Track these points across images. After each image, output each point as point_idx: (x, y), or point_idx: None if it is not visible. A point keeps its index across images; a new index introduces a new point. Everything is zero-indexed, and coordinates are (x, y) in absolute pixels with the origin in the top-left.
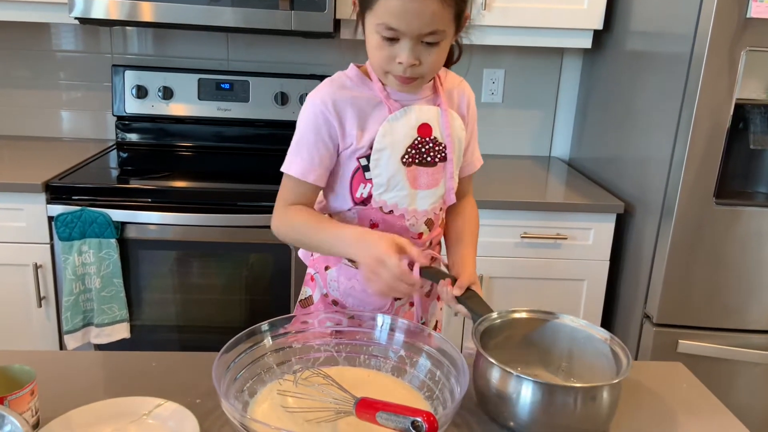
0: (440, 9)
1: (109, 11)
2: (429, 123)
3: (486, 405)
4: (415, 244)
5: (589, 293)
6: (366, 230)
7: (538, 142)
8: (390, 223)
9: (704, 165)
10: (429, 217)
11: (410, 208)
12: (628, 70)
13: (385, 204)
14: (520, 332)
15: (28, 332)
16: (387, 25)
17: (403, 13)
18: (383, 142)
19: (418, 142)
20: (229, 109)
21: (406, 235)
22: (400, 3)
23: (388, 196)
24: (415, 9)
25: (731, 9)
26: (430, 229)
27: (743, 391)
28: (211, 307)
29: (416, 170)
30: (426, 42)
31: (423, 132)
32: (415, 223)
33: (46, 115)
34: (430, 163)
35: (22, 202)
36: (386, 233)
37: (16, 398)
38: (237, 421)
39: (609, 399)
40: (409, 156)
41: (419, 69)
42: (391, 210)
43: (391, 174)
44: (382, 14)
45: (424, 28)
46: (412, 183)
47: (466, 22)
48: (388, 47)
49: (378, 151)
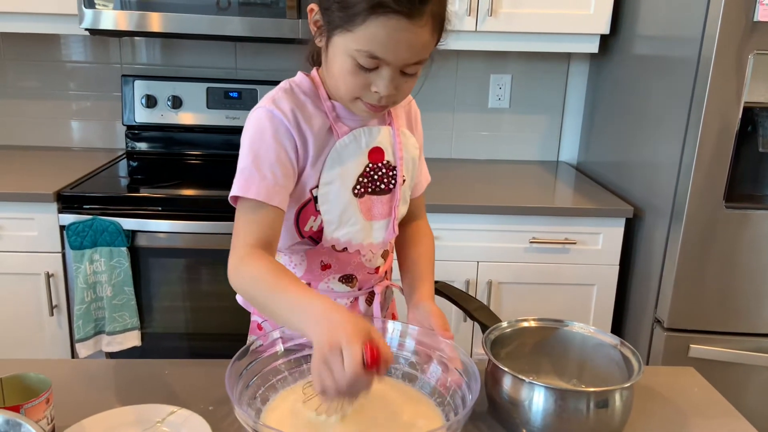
0: (430, 39)
1: (118, 22)
2: (380, 146)
3: (498, 412)
4: (371, 277)
5: (599, 298)
6: (334, 307)
7: (546, 146)
8: (344, 262)
9: (713, 168)
10: (385, 249)
11: (365, 243)
12: (636, 75)
13: (338, 242)
14: (531, 341)
15: (40, 340)
16: (370, 54)
17: (393, 43)
18: (330, 174)
19: (369, 169)
20: (237, 117)
21: (362, 271)
22: (390, 32)
23: (341, 233)
24: (407, 39)
25: (738, 12)
26: (386, 260)
27: (756, 396)
28: (221, 315)
29: (369, 200)
30: (406, 72)
31: (374, 157)
32: (371, 258)
33: (56, 125)
34: (384, 190)
35: (34, 212)
36: (357, 316)
37: (32, 406)
38: (251, 427)
39: (621, 403)
40: (361, 186)
41: (394, 97)
42: (345, 248)
43: (342, 209)
44: (366, 41)
45: (412, 58)
46: (366, 214)
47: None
48: (364, 74)
49: (326, 185)
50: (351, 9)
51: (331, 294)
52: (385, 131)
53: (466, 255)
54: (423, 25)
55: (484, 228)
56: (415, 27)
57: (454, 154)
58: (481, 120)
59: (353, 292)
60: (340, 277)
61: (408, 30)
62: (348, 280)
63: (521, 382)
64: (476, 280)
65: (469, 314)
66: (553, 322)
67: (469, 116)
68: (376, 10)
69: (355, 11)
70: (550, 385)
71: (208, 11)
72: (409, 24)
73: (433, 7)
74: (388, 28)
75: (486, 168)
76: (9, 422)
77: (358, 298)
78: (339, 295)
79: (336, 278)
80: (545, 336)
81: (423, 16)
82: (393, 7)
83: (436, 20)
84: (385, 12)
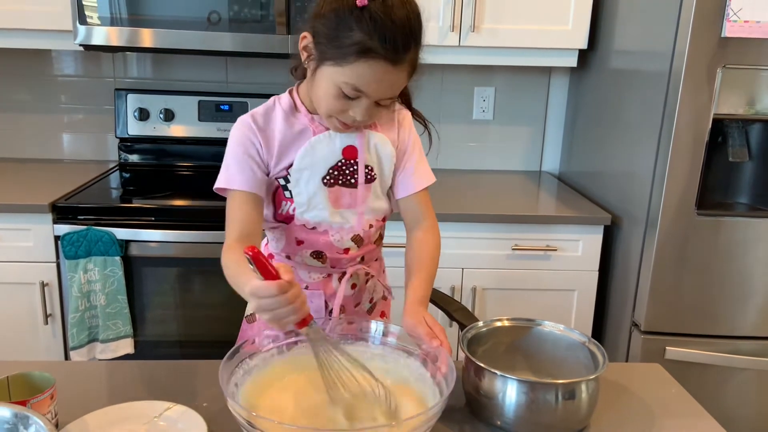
0: (406, 78)
1: (111, 38)
2: (354, 145)
3: (474, 406)
4: (341, 257)
5: (580, 303)
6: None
7: (529, 157)
8: (314, 239)
9: (685, 178)
10: (356, 233)
11: (334, 225)
12: (612, 88)
13: (308, 222)
14: (506, 340)
15: (35, 348)
16: (355, 87)
17: (376, 82)
18: (303, 162)
19: (342, 164)
20: (228, 130)
21: (331, 250)
22: (375, 73)
23: (310, 215)
24: (389, 80)
25: (707, 29)
26: (359, 246)
27: (731, 397)
28: (212, 322)
29: (338, 191)
30: (381, 103)
31: (348, 154)
32: (340, 239)
33: (48, 138)
34: (354, 184)
35: (30, 223)
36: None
37: (38, 401)
38: (244, 419)
39: (588, 395)
40: (331, 177)
41: (366, 122)
42: (315, 227)
43: (311, 194)
44: (353, 77)
45: (389, 94)
46: (334, 203)
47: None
48: (345, 101)
49: (297, 171)
50: (343, 49)
51: (306, 267)
52: (360, 133)
53: (451, 262)
54: (403, 69)
55: (469, 236)
56: (397, 70)
57: (440, 165)
58: (465, 131)
59: (325, 268)
60: (311, 253)
61: (390, 72)
62: (318, 256)
63: (494, 376)
64: (461, 285)
65: (450, 315)
66: (526, 321)
67: (455, 128)
68: (366, 54)
69: (347, 52)
70: (521, 378)
71: (198, 27)
72: (392, 68)
73: (412, 54)
74: (373, 69)
75: (471, 178)
76: (18, 415)
77: (331, 275)
78: (312, 269)
79: (308, 253)
80: (519, 335)
81: (404, 62)
82: (381, 54)
83: (413, 64)
84: (373, 57)
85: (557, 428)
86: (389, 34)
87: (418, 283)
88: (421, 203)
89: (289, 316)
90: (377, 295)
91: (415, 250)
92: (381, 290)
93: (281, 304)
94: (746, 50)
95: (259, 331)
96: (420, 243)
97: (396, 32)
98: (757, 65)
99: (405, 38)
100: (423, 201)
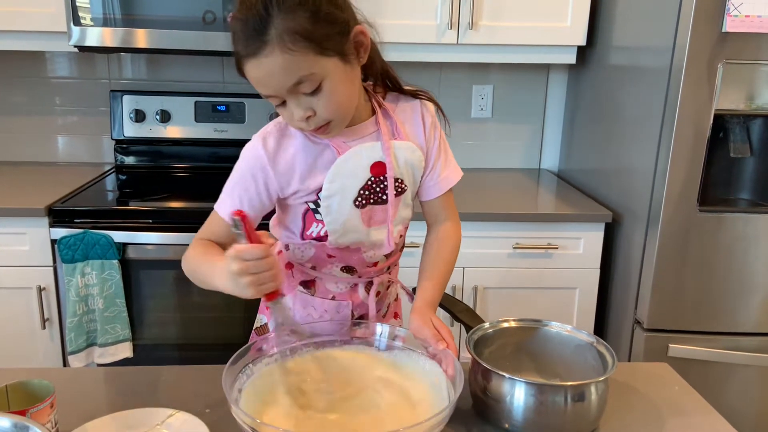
0: (290, 59)
1: (104, 39)
2: (382, 160)
3: (481, 408)
4: (370, 270)
5: (581, 301)
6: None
7: (528, 155)
8: (347, 256)
9: (687, 174)
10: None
11: (367, 243)
12: (612, 84)
13: (343, 244)
14: (512, 341)
15: (33, 353)
16: (260, 93)
17: (260, 82)
18: (332, 188)
19: (372, 183)
20: (225, 131)
21: (362, 265)
22: (253, 74)
23: (346, 239)
24: (265, 73)
25: (707, 23)
26: (388, 258)
27: (734, 393)
28: (211, 325)
29: (371, 209)
30: (303, 92)
31: (377, 171)
32: (373, 255)
33: (43, 141)
34: (385, 201)
35: (26, 226)
36: None
37: (38, 411)
38: (248, 426)
39: (597, 397)
40: (363, 198)
41: (317, 118)
42: (348, 246)
43: (345, 218)
44: (252, 83)
45: (286, 83)
46: (367, 222)
47: (361, 44)
48: (281, 108)
49: (327, 198)
50: (237, 63)
51: (333, 278)
52: (385, 146)
53: None
54: (269, 53)
55: (469, 235)
56: (263, 59)
57: None
58: (464, 130)
59: (353, 278)
60: (342, 267)
61: (260, 66)
62: (348, 270)
63: (502, 378)
64: (462, 285)
65: (455, 316)
66: (533, 322)
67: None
68: (238, 63)
69: (238, 66)
70: (529, 380)
71: (193, 27)
72: (257, 60)
73: (276, 31)
74: (250, 71)
75: (470, 176)
76: (17, 425)
77: (357, 285)
78: (339, 280)
79: (338, 267)
80: (525, 336)
81: (266, 47)
82: (243, 54)
83: (289, 37)
84: (242, 62)
85: (566, 431)
86: (238, 29)
87: (430, 285)
88: (444, 203)
89: (269, 282)
90: (391, 298)
91: (432, 250)
92: (395, 293)
93: (264, 267)
94: (747, 45)
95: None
96: (439, 243)
97: (243, 23)
98: (758, 60)
99: (255, 22)
100: (447, 200)
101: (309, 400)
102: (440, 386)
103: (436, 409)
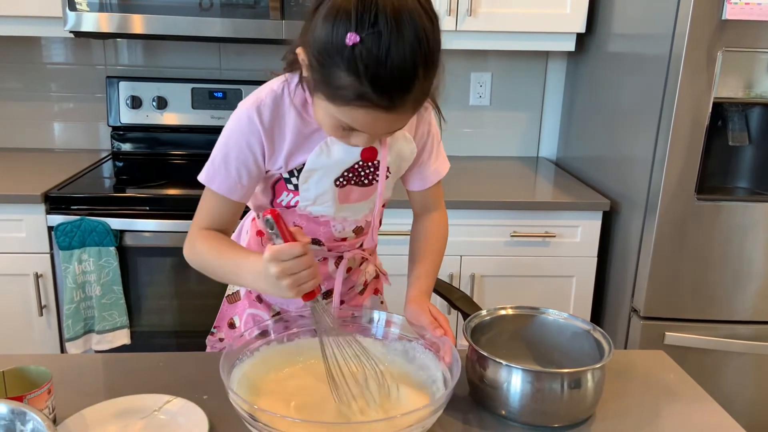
0: (411, 114)
1: (100, 24)
2: (375, 147)
3: (478, 395)
4: (339, 245)
5: (578, 289)
6: (258, 259)
7: (526, 143)
8: (314, 228)
9: (685, 162)
10: (359, 225)
11: (338, 217)
12: (611, 72)
13: (311, 213)
14: (509, 328)
15: (30, 340)
16: (349, 126)
17: (372, 127)
18: (316, 163)
19: (359, 166)
20: (222, 117)
21: (329, 239)
22: (371, 120)
23: (315, 209)
24: (386, 125)
25: (707, 11)
26: (358, 235)
27: (730, 381)
28: (208, 312)
29: (350, 189)
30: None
31: (367, 156)
32: (342, 229)
33: (38, 127)
34: (367, 183)
35: (22, 213)
36: None
37: (35, 397)
38: (245, 411)
39: (593, 384)
40: (345, 179)
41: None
42: (317, 217)
43: (320, 192)
44: (346, 117)
45: (391, 131)
46: (342, 200)
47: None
48: (344, 131)
49: (309, 171)
50: (333, 90)
51: None
52: None
53: (449, 249)
54: (402, 111)
55: (467, 223)
56: (396, 115)
57: None
58: (462, 117)
59: (322, 251)
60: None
61: (388, 119)
62: (315, 242)
63: (499, 365)
64: (459, 273)
65: (452, 304)
66: (530, 309)
67: (451, 113)
68: (358, 100)
69: (337, 94)
70: (526, 368)
71: (190, 12)
72: (389, 115)
73: (416, 94)
74: (369, 116)
75: (468, 164)
76: (14, 411)
77: (327, 258)
78: None
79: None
80: (523, 323)
81: (404, 105)
82: (374, 102)
83: (420, 100)
84: (366, 105)
85: (563, 418)
86: (382, 82)
87: (422, 272)
88: (434, 193)
89: (308, 281)
90: (370, 276)
91: (422, 238)
92: (374, 271)
93: (303, 266)
94: (746, 33)
95: (243, 309)
96: (427, 232)
97: (391, 79)
98: (758, 48)
99: (402, 83)
100: (436, 191)
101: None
102: (437, 373)
103: (433, 396)
